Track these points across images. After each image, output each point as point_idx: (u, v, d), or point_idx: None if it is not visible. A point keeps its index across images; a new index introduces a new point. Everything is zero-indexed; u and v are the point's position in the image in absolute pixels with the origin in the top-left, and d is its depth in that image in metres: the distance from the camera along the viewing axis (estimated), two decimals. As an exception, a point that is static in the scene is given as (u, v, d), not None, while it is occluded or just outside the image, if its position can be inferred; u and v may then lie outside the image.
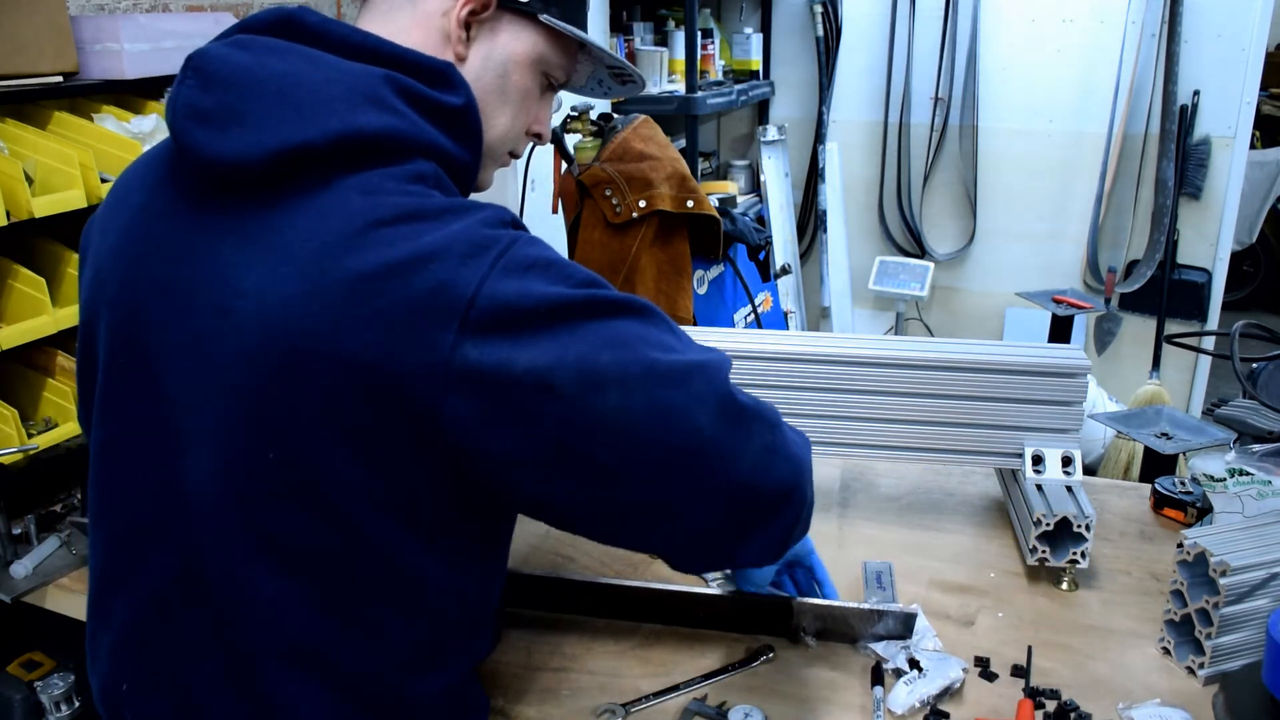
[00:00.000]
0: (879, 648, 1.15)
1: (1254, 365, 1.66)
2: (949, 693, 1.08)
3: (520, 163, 1.96)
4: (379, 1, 0.92)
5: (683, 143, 3.21)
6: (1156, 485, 1.50)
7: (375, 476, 0.78)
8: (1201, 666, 1.09)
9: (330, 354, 0.74)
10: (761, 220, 3.74)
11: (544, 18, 0.93)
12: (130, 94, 1.84)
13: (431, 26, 0.90)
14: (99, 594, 0.94)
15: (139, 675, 0.90)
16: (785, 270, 3.36)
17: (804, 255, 4.09)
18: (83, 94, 1.76)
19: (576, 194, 2.14)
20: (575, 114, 2.08)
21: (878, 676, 1.10)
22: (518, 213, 2.38)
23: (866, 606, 1.15)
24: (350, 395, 0.75)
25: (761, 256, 2.62)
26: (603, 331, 0.78)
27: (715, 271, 2.46)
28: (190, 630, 0.86)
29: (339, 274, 0.74)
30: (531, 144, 1.05)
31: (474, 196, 0.96)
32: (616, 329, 0.78)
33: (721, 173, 4.07)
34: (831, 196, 3.89)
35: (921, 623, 1.19)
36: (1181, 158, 3.29)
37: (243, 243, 0.79)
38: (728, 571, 1.22)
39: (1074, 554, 1.26)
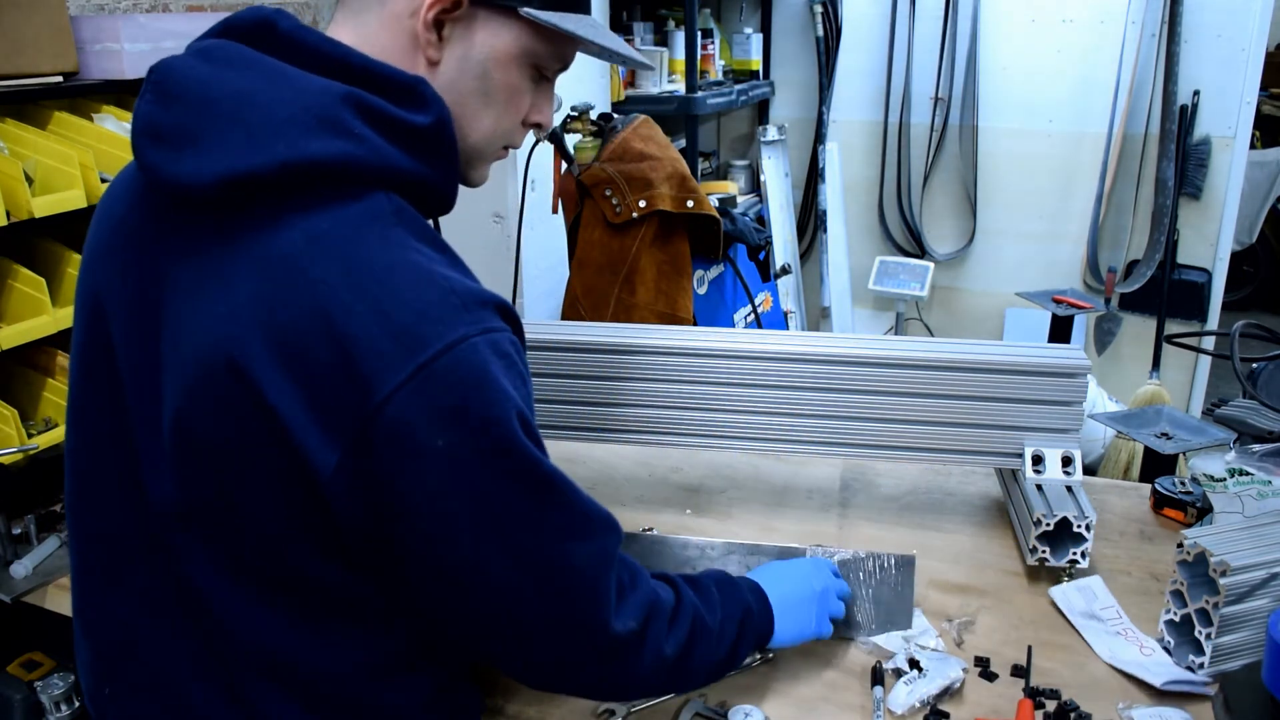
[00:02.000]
0: (882, 641, 1.15)
1: (1254, 365, 1.65)
2: (949, 693, 1.08)
3: (520, 162, 1.96)
4: (351, 0, 0.86)
5: (683, 143, 3.21)
6: (1156, 485, 1.50)
7: (297, 514, 0.77)
8: (1201, 666, 1.09)
9: (253, 394, 0.73)
10: (761, 220, 3.73)
11: (524, 11, 0.85)
12: (130, 94, 1.84)
13: (400, 29, 0.83)
14: (80, 598, 0.94)
15: (120, 680, 0.90)
16: (785, 270, 3.36)
17: (804, 255, 4.09)
18: (83, 94, 1.76)
19: (576, 194, 2.14)
20: (575, 114, 2.08)
21: (878, 676, 1.10)
22: (518, 212, 2.38)
23: (864, 552, 1.16)
24: (270, 441, 0.74)
25: (761, 256, 2.62)
26: (495, 495, 0.75)
27: (715, 271, 2.45)
28: (168, 636, 0.86)
29: (271, 322, 0.72)
30: (533, 135, 0.97)
31: (471, 192, 0.94)
32: (509, 500, 0.77)
33: (721, 173, 4.06)
34: (831, 196, 3.89)
35: (921, 622, 1.19)
36: (1181, 158, 3.29)
37: (196, 273, 0.78)
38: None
39: (1074, 554, 1.26)
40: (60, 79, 1.70)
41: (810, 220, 4.02)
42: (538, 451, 0.78)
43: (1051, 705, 1.06)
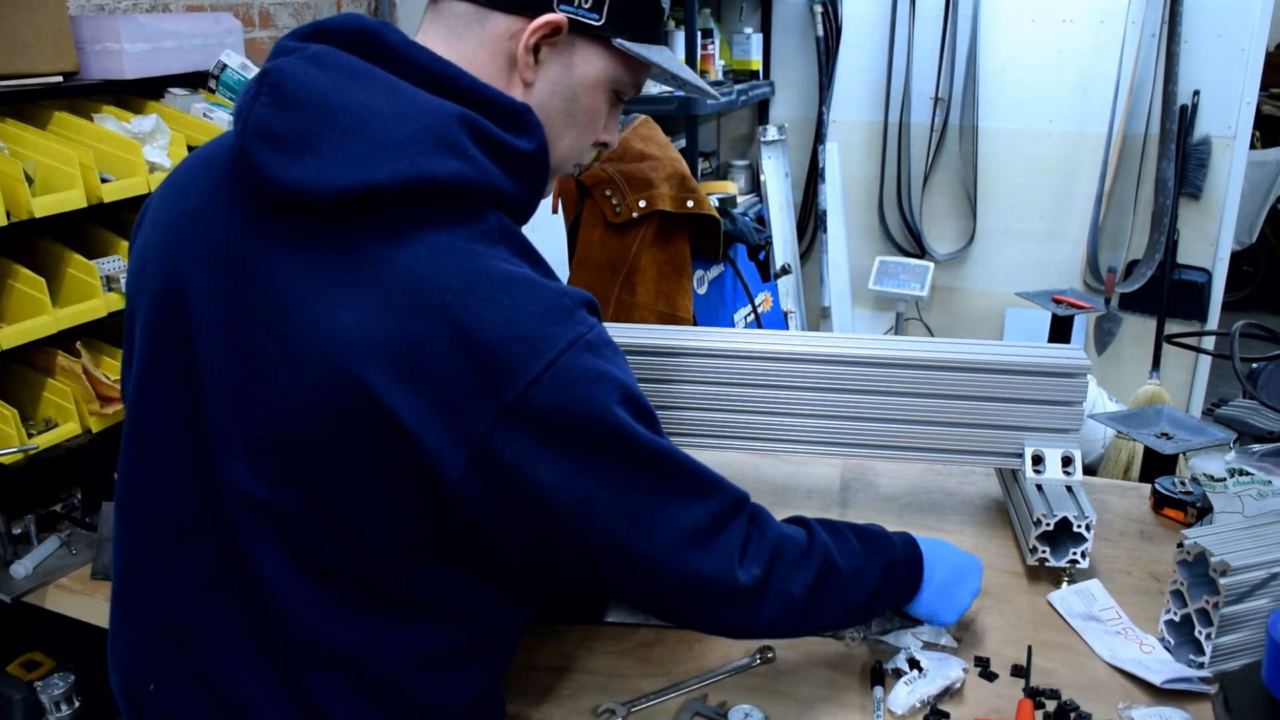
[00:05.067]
0: (893, 639, 1.15)
1: (1254, 365, 1.66)
2: (949, 693, 1.08)
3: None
4: (446, 15, 0.88)
5: (683, 143, 3.21)
6: (1156, 485, 1.50)
7: (400, 515, 0.80)
8: (1201, 666, 1.09)
9: (373, 403, 0.75)
10: (761, 220, 3.73)
11: (618, 42, 0.90)
12: (130, 94, 1.84)
13: (499, 50, 0.87)
14: (126, 589, 0.94)
15: (168, 671, 0.90)
16: (785, 270, 3.36)
17: (804, 255, 4.09)
18: (83, 94, 1.76)
19: (576, 194, 2.14)
20: (575, 114, 2.08)
21: (878, 676, 1.10)
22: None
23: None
24: (383, 443, 0.76)
25: (761, 256, 2.62)
26: (619, 476, 0.81)
27: (715, 271, 2.45)
28: (224, 624, 0.86)
29: (395, 332, 0.75)
30: (597, 151, 1.03)
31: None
32: (631, 479, 0.82)
33: (721, 173, 4.06)
34: (831, 196, 3.89)
35: None
36: (1181, 158, 3.29)
37: (306, 273, 0.79)
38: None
39: (1074, 554, 1.26)
40: (60, 79, 1.70)
41: (810, 220, 4.02)
42: (650, 431, 0.83)
43: (1051, 705, 1.06)
